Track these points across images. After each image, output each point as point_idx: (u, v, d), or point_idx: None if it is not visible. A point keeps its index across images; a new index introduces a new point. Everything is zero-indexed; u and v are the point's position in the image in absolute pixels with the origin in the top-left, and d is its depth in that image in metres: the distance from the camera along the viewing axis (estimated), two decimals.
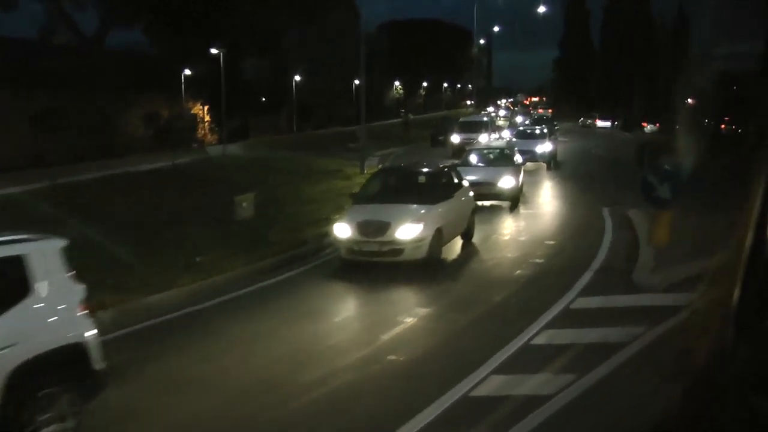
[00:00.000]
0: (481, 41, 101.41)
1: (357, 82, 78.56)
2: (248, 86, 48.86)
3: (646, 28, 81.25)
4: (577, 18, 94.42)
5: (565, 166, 30.81)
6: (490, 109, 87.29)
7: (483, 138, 33.27)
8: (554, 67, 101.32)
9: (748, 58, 35.39)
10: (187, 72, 42.64)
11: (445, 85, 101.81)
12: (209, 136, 46.95)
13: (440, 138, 41.78)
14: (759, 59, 24.57)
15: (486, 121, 36.25)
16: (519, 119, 64.37)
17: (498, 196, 18.54)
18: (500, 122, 58.29)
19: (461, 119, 37.34)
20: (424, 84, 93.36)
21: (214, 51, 38.30)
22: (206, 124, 47.41)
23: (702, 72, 36.08)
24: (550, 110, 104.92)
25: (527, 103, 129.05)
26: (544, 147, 29.54)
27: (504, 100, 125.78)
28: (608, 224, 15.88)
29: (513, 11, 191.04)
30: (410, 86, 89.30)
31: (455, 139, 34.87)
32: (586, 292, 10.31)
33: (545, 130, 32.41)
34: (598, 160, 35.38)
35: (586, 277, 11.10)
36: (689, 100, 39.59)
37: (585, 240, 14.46)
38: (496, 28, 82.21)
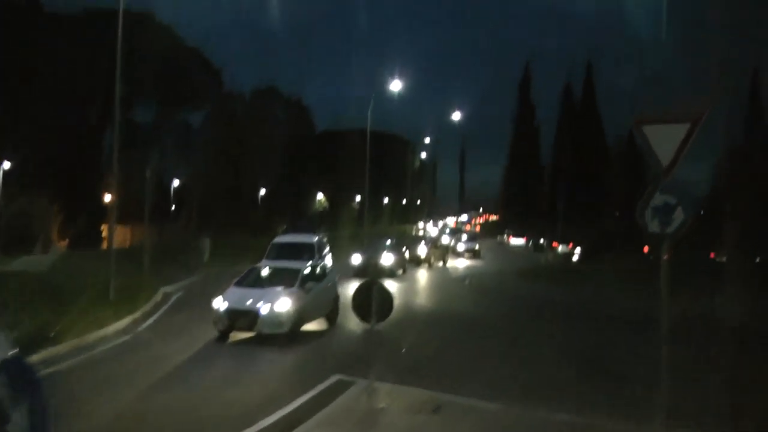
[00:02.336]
0: (423, 155, 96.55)
1: (264, 191, 73.84)
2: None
3: (598, 149, 78.54)
4: (526, 133, 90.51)
5: None
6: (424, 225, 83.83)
7: None
8: (503, 183, 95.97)
9: None
10: None
11: (386, 199, 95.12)
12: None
13: None
14: None
15: (311, 244, 26.55)
16: (445, 239, 65.79)
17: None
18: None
19: (275, 240, 27.31)
20: (357, 197, 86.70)
21: None
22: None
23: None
24: (477, 227, 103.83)
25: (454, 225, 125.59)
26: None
27: (450, 219, 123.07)
28: None
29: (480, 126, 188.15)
30: (342, 198, 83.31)
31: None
32: None
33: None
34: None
35: None
36: None
37: None
38: (427, 140, 76.29)
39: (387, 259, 32.02)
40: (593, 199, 76.60)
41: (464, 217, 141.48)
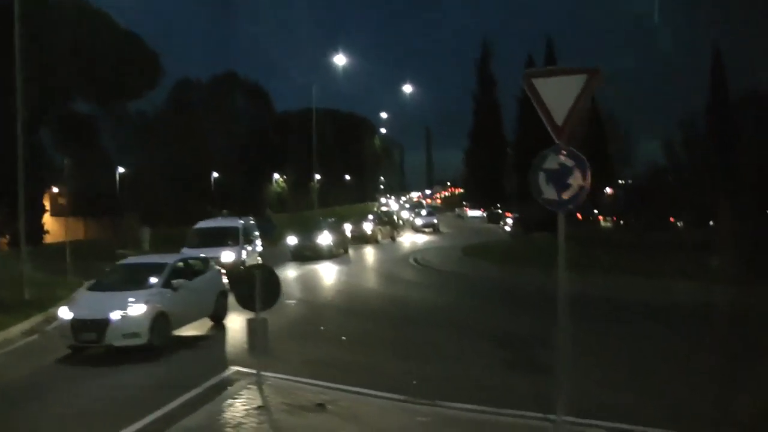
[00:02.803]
0: (382, 130, 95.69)
1: (216, 175, 72.46)
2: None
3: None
4: (486, 109, 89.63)
5: None
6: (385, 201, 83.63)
7: (227, 256, 21.57)
8: (465, 159, 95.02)
9: None
10: None
11: (348, 177, 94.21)
12: None
13: None
14: None
15: (235, 229, 23.54)
16: (405, 213, 67.26)
17: None
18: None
19: (196, 226, 24.79)
20: (317, 176, 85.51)
21: None
22: None
23: None
24: (438, 201, 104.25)
25: (418, 198, 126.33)
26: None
27: (415, 194, 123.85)
28: None
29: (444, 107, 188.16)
30: (302, 179, 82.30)
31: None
32: None
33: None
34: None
35: None
36: None
37: None
38: (383, 114, 75.15)
39: (324, 238, 31.19)
40: None
41: (429, 192, 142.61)
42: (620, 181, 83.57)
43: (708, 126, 66.47)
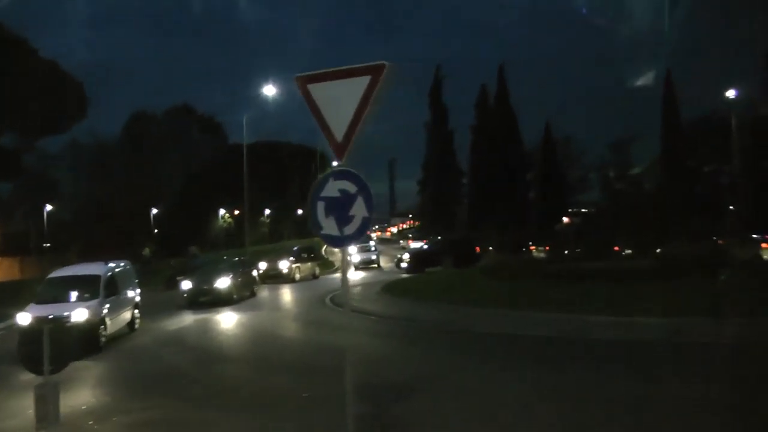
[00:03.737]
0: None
1: (155, 211, 70.48)
2: None
3: (514, 148, 78.38)
4: (439, 138, 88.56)
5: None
6: None
7: (79, 314, 16.68)
8: (419, 189, 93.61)
9: None
10: None
11: (300, 211, 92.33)
12: None
13: (178, 279, 32.48)
14: None
15: (95, 278, 18.43)
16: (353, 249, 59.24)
17: None
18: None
19: (50, 275, 19.58)
20: (267, 211, 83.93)
21: None
22: None
23: None
24: (388, 234, 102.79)
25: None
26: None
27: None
28: None
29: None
30: (253, 212, 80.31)
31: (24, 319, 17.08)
32: None
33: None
34: None
35: None
36: None
37: None
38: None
39: (223, 281, 26.54)
40: (507, 202, 75.80)
41: (385, 225, 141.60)
42: (576, 210, 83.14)
43: (662, 151, 66.36)
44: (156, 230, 65.71)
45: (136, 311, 20.47)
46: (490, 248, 55.64)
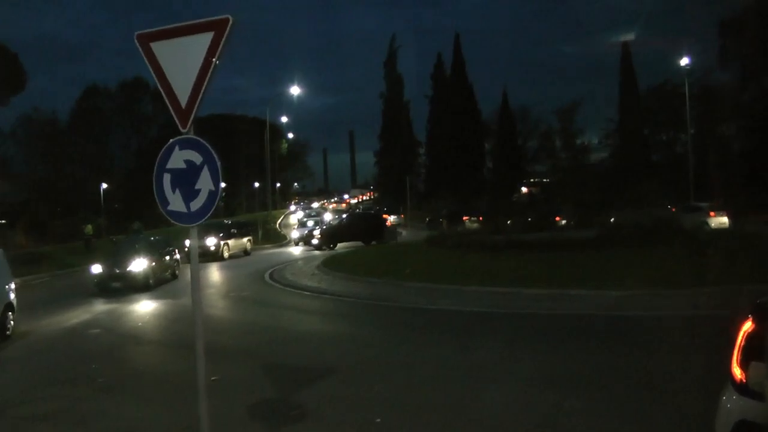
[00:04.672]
0: (290, 135, 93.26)
1: (104, 186, 69.16)
2: None
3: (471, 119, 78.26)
4: (394, 109, 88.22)
5: None
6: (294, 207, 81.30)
7: None
8: (376, 161, 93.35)
9: None
10: None
11: (257, 184, 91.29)
12: None
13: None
14: None
15: None
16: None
17: None
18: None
19: None
20: (223, 184, 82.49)
21: None
22: None
23: None
24: (344, 205, 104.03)
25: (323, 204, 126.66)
26: None
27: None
28: None
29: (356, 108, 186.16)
30: None
31: None
32: None
33: None
34: None
35: None
36: None
37: None
38: (284, 119, 72.70)
39: (138, 264, 22.76)
40: (464, 172, 75.78)
41: (345, 197, 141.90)
42: (536, 180, 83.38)
43: (619, 119, 66.63)
44: (104, 206, 64.33)
45: (10, 314, 14.69)
46: (441, 220, 55.48)
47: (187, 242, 20.81)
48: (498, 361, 10.15)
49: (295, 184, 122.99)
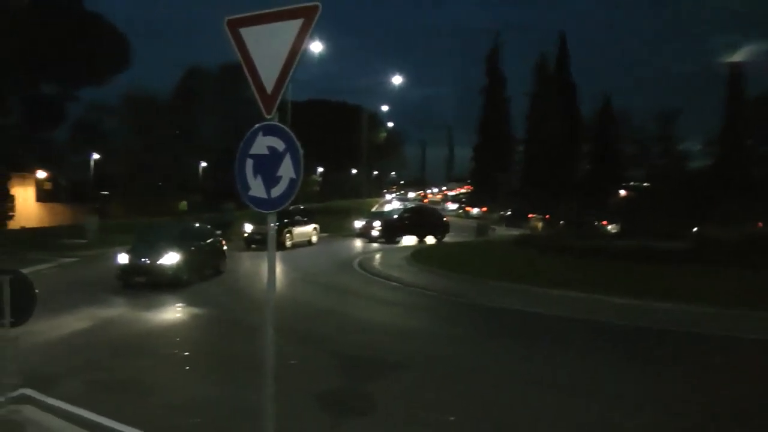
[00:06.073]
0: (389, 125, 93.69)
1: (204, 164, 70.83)
2: None
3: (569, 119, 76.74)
4: (494, 105, 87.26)
5: None
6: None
7: None
8: (473, 156, 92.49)
9: None
10: None
11: (353, 171, 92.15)
12: None
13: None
14: None
15: None
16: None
17: None
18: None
19: None
20: (320, 169, 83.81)
21: None
22: None
23: None
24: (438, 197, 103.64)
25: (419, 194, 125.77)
26: None
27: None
28: None
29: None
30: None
31: None
32: None
33: None
34: None
35: None
36: None
37: None
38: (384, 107, 73.01)
39: (169, 257, 18.41)
40: (561, 172, 74.44)
41: (443, 188, 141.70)
42: (636, 184, 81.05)
43: (722, 127, 64.08)
44: (200, 183, 66.14)
45: None
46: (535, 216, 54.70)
47: (248, 227, 20.31)
48: (578, 372, 9.89)
49: (392, 173, 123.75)
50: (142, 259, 18.48)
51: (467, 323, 14.33)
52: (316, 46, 40.76)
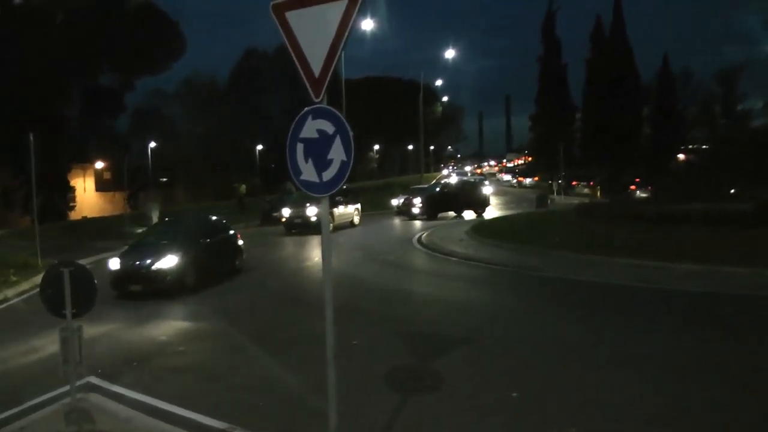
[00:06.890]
0: (444, 98, 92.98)
1: (260, 147, 71.46)
2: None
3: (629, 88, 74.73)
4: (551, 73, 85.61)
5: None
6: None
7: None
8: (530, 125, 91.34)
9: None
10: None
11: (410, 147, 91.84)
12: None
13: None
14: None
15: None
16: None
17: None
18: None
19: None
20: (376, 147, 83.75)
21: None
22: None
23: None
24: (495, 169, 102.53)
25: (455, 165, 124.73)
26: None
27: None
28: None
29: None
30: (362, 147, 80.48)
31: None
32: None
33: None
34: None
35: None
36: None
37: None
38: (439, 82, 72.32)
39: (168, 260, 15.24)
40: (621, 138, 72.77)
41: (502, 161, 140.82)
42: (695, 146, 78.91)
43: None
44: (259, 165, 66.80)
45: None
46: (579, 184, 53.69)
47: (285, 211, 26.62)
48: (646, 345, 9.67)
49: (449, 147, 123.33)
50: (137, 263, 15.30)
51: (535, 296, 14.16)
52: (368, 24, 40.65)
